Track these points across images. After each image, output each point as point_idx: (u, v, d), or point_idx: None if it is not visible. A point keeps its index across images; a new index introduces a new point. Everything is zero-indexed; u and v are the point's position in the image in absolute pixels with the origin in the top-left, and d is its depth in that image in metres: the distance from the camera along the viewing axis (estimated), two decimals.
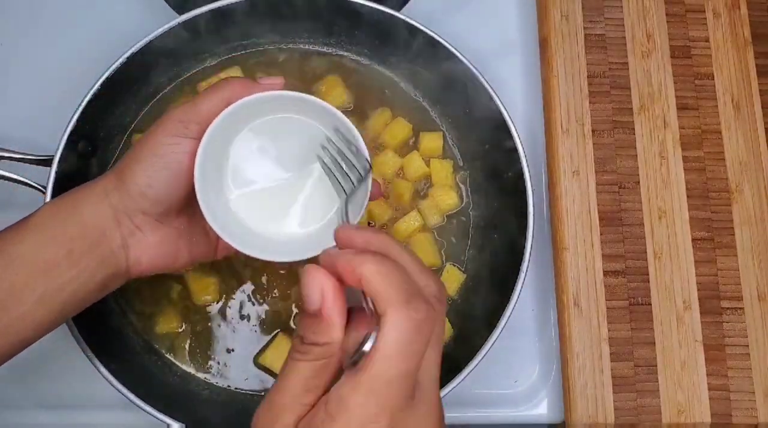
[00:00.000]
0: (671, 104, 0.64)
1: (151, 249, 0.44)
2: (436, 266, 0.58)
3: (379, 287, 0.30)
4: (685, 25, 0.66)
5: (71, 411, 0.57)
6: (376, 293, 0.30)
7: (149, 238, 0.44)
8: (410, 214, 0.59)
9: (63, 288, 0.41)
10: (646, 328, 0.59)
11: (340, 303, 0.32)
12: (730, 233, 0.61)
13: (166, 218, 0.45)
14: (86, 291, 0.43)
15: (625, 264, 0.60)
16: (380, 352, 0.30)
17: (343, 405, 0.30)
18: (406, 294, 0.30)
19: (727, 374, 0.58)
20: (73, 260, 0.41)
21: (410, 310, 0.30)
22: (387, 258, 0.32)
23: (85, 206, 0.43)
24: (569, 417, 0.57)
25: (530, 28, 0.68)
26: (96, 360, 0.49)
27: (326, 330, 0.32)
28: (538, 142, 0.64)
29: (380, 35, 0.59)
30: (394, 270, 0.31)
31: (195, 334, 0.56)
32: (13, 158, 0.53)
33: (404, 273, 0.32)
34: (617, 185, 0.62)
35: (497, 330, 0.51)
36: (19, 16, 0.66)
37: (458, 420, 0.58)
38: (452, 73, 0.57)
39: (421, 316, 0.30)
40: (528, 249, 0.53)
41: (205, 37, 0.58)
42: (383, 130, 0.60)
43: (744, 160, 0.63)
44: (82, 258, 0.42)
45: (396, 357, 0.30)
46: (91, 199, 0.43)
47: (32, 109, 0.62)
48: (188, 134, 0.42)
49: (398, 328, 0.30)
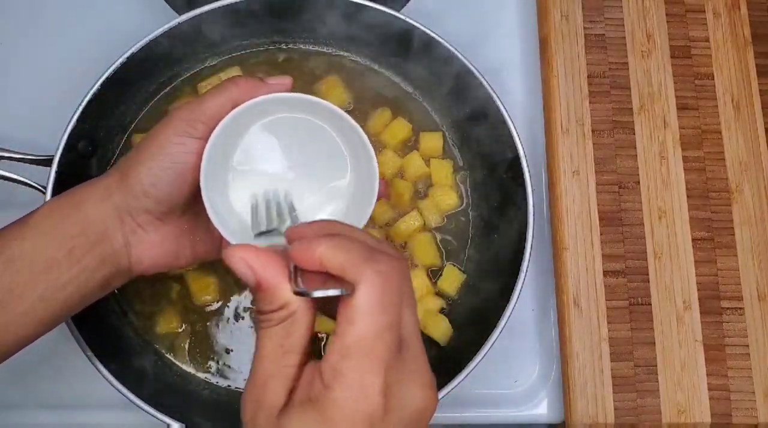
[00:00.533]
0: (671, 104, 0.64)
1: (153, 248, 0.44)
2: (436, 266, 0.58)
3: (339, 258, 0.32)
4: (685, 25, 0.66)
5: (71, 411, 0.57)
6: (338, 265, 0.32)
7: (152, 237, 0.44)
8: (410, 213, 0.59)
9: (64, 287, 0.41)
10: (646, 328, 0.59)
11: (272, 267, 0.33)
12: (730, 233, 0.61)
13: (169, 217, 0.44)
14: (87, 290, 0.42)
15: (625, 264, 0.60)
16: (359, 310, 0.30)
17: (337, 372, 0.30)
18: (365, 253, 0.32)
19: (727, 374, 0.58)
20: (74, 258, 0.41)
21: (374, 263, 0.31)
22: (339, 235, 0.33)
23: (88, 204, 0.43)
24: (569, 417, 0.57)
25: (530, 28, 0.68)
26: (96, 361, 0.49)
27: (274, 297, 0.32)
28: (538, 142, 0.64)
29: (380, 35, 0.59)
30: (347, 241, 0.32)
31: (195, 334, 0.56)
32: (13, 158, 0.53)
33: (358, 241, 0.33)
34: (617, 185, 0.62)
35: (497, 330, 0.51)
36: (19, 16, 0.66)
37: (458, 420, 0.58)
38: (452, 73, 0.57)
39: (385, 267, 0.31)
40: (528, 249, 0.53)
41: (205, 36, 0.58)
42: (383, 130, 0.60)
43: (744, 160, 0.63)
44: (83, 257, 0.42)
45: (375, 311, 0.31)
46: (94, 197, 0.43)
47: (32, 109, 0.62)
48: (194, 134, 0.42)
49: (369, 282, 0.31)
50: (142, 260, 0.44)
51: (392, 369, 0.31)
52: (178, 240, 0.45)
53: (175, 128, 0.42)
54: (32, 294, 0.41)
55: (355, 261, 0.31)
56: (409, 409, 0.31)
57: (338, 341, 0.31)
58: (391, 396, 0.31)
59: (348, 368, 0.30)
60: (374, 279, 0.31)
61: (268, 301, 0.33)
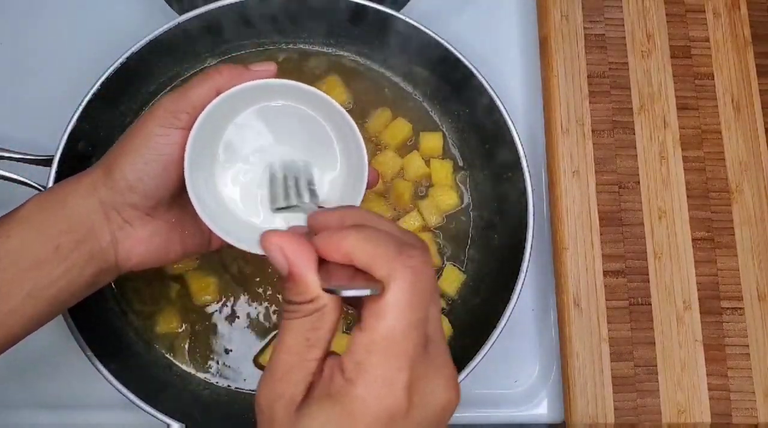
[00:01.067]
0: (671, 104, 0.64)
1: (141, 244, 0.43)
2: (436, 266, 0.58)
3: (368, 251, 0.31)
4: (685, 25, 0.66)
5: (71, 411, 0.57)
6: (367, 259, 0.31)
7: (139, 232, 0.43)
8: (410, 214, 0.59)
9: (52, 284, 0.41)
10: (646, 328, 0.59)
11: (307, 259, 0.32)
12: (730, 233, 0.61)
13: (156, 211, 0.43)
14: (76, 287, 0.42)
15: (625, 264, 0.60)
16: (389, 306, 0.30)
17: (361, 367, 0.30)
18: (396, 247, 0.31)
19: (727, 374, 0.58)
20: (61, 255, 0.41)
21: (405, 258, 0.30)
22: (366, 226, 0.32)
23: (73, 200, 0.42)
24: (569, 417, 0.57)
25: (530, 28, 0.68)
26: (96, 360, 0.49)
27: (305, 290, 0.32)
28: (538, 142, 0.64)
29: (380, 35, 0.59)
30: (375, 233, 0.32)
31: (195, 334, 0.56)
32: (13, 158, 0.53)
33: (387, 234, 0.32)
34: (617, 185, 0.62)
35: (497, 330, 0.51)
36: (19, 16, 0.66)
37: (458, 420, 0.58)
38: (452, 73, 0.57)
39: (417, 262, 0.31)
40: (528, 249, 0.53)
41: (205, 36, 0.58)
42: (383, 130, 0.60)
43: (744, 160, 0.63)
44: (70, 254, 0.41)
45: (405, 307, 0.30)
46: (79, 193, 0.42)
47: (32, 109, 0.62)
48: (178, 124, 0.41)
49: (401, 279, 0.30)
50: (130, 256, 0.43)
51: (417, 365, 0.30)
52: (167, 235, 0.45)
53: (158, 119, 0.41)
54: (19, 291, 0.40)
55: (386, 257, 0.31)
56: (432, 405, 0.31)
57: (364, 336, 0.30)
58: (414, 393, 0.30)
59: (373, 364, 0.30)
60: (406, 276, 0.30)
61: (298, 292, 0.32)
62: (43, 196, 0.43)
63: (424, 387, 0.31)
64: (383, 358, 0.30)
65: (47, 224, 0.41)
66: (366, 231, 0.32)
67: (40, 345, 0.45)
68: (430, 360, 0.31)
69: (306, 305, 0.32)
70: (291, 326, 0.32)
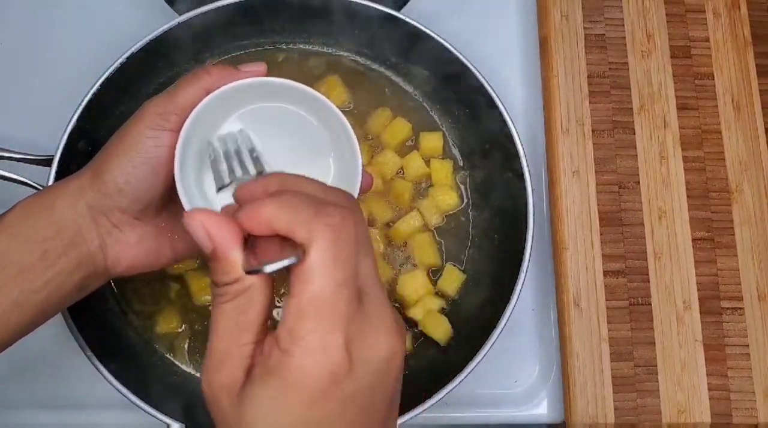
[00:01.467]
0: (671, 104, 0.64)
1: (131, 249, 0.43)
2: (436, 266, 0.58)
3: (286, 217, 0.30)
4: (685, 25, 0.66)
5: (71, 411, 0.57)
6: (286, 225, 0.30)
7: (128, 237, 0.42)
8: (410, 213, 0.59)
9: (39, 291, 0.40)
10: (646, 328, 0.59)
11: (230, 236, 0.31)
12: (730, 233, 0.61)
13: (145, 215, 0.43)
14: (64, 293, 0.41)
15: (625, 264, 0.60)
16: (313, 269, 0.29)
17: (295, 335, 0.29)
18: (313, 208, 0.30)
19: (727, 374, 0.58)
20: (48, 262, 0.40)
21: (324, 216, 0.30)
22: (284, 191, 0.32)
23: (60, 205, 0.41)
24: (569, 417, 0.57)
25: (530, 28, 0.68)
26: (96, 360, 0.49)
27: (229, 269, 0.31)
28: (538, 142, 0.64)
29: (380, 35, 0.59)
30: (294, 197, 0.31)
31: (194, 334, 0.56)
32: (13, 158, 0.53)
33: (304, 195, 0.31)
34: (617, 185, 0.62)
35: (497, 330, 0.51)
36: (19, 16, 0.66)
37: (458, 421, 0.58)
38: (452, 73, 0.57)
39: (336, 220, 0.30)
40: (528, 249, 0.53)
41: (205, 37, 0.58)
42: (383, 130, 0.60)
43: (744, 160, 0.63)
44: (58, 260, 0.40)
45: (329, 267, 0.29)
46: (66, 197, 0.41)
47: (32, 109, 0.62)
48: (167, 126, 0.41)
49: (320, 239, 0.29)
50: (120, 261, 0.43)
51: (353, 323, 0.30)
52: (157, 240, 0.44)
53: (147, 122, 0.41)
54: (6, 298, 0.39)
55: (303, 219, 0.30)
56: (376, 359, 0.30)
57: (293, 302, 0.29)
58: (353, 350, 0.29)
59: (306, 329, 0.29)
60: (326, 235, 0.29)
61: (222, 272, 0.31)
62: (30, 200, 0.42)
63: (362, 342, 0.30)
64: (315, 322, 0.29)
65: (34, 229, 0.40)
66: (283, 196, 0.31)
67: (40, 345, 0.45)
68: (366, 314, 0.31)
69: (232, 286, 0.31)
70: (220, 311, 0.31)
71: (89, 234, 0.41)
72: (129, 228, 0.42)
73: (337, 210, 0.30)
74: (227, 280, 0.31)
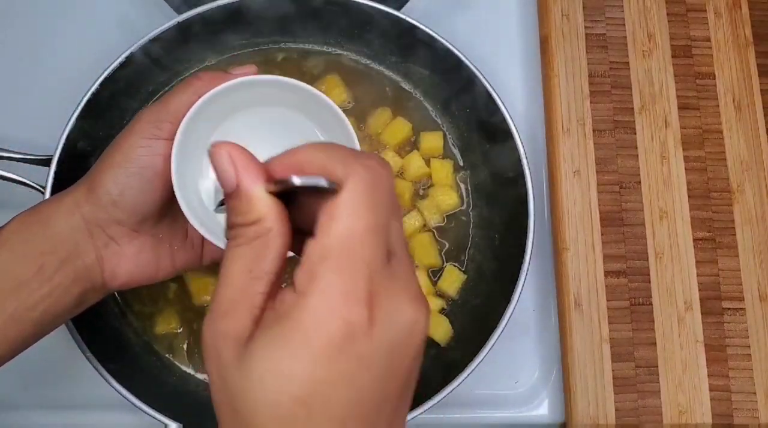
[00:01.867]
0: (672, 104, 0.64)
1: (128, 262, 0.42)
2: (436, 266, 0.58)
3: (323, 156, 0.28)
4: (686, 24, 0.66)
5: (71, 411, 0.57)
6: (322, 162, 0.28)
7: (125, 250, 0.42)
8: (410, 214, 0.58)
9: (35, 306, 0.39)
10: (647, 329, 0.58)
11: (254, 171, 0.29)
12: (732, 233, 0.61)
13: (142, 227, 0.42)
14: (61, 308, 0.41)
15: (626, 265, 0.60)
16: (345, 205, 0.26)
17: (315, 275, 0.26)
18: (351, 151, 0.28)
19: (728, 375, 0.58)
20: (44, 277, 0.39)
21: (362, 159, 0.28)
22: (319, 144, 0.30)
23: (56, 219, 0.41)
24: (570, 418, 0.57)
25: (530, 28, 0.67)
26: (95, 361, 0.49)
27: (250, 207, 0.28)
28: (538, 142, 0.64)
29: (380, 35, 0.59)
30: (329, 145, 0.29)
31: (194, 334, 0.56)
32: (13, 158, 0.53)
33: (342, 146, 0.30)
34: (618, 185, 0.62)
35: (498, 331, 0.51)
36: (19, 16, 0.66)
37: (458, 421, 0.58)
38: (452, 73, 0.57)
39: (374, 163, 0.28)
40: (528, 250, 0.52)
41: (205, 36, 0.58)
42: (383, 129, 0.60)
43: (745, 160, 0.63)
44: (54, 275, 0.40)
45: (362, 206, 0.27)
46: (62, 211, 0.41)
47: (32, 109, 0.62)
48: (160, 135, 0.40)
49: (357, 176, 0.27)
50: (117, 275, 0.42)
51: (379, 277, 0.26)
52: (156, 251, 0.43)
53: (139, 132, 0.40)
54: (2, 314, 0.39)
55: (340, 158, 0.28)
56: (399, 322, 0.27)
57: (317, 242, 0.26)
58: (377, 307, 0.26)
59: (327, 269, 0.26)
60: (363, 173, 0.27)
61: (241, 211, 0.28)
62: (26, 214, 0.42)
63: (387, 302, 0.27)
64: (339, 264, 0.26)
65: (30, 244, 0.40)
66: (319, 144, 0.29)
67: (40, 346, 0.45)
68: (394, 275, 0.28)
69: (250, 228, 0.28)
70: (233, 255, 0.28)
71: (85, 248, 0.41)
72: (126, 241, 0.42)
73: (376, 159, 0.29)
74: (246, 220, 0.28)
